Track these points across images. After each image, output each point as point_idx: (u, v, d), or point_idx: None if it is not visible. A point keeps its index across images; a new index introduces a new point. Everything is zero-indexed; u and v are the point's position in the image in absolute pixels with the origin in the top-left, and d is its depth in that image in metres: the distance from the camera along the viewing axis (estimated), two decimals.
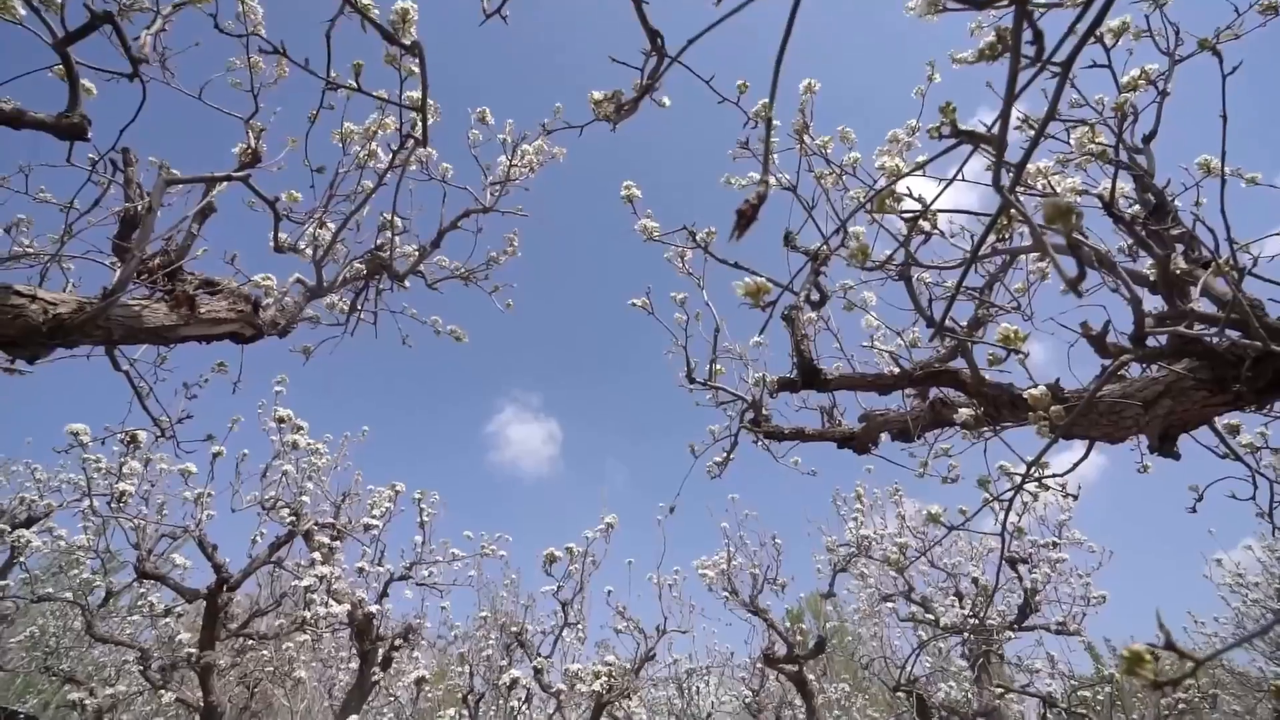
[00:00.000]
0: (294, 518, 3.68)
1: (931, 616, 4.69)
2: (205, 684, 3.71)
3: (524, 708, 3.57)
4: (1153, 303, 1.96)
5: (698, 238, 2.70)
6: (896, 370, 2.47)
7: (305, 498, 3.74)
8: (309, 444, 3.98)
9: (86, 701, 5.05)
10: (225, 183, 2.01)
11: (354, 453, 4.77)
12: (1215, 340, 1.63)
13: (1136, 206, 2.08)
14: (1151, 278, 1.79)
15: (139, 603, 4.36)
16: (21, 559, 4.37)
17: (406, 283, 3.09)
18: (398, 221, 2.74)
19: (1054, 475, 2.12)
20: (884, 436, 2.90)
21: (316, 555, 3.57)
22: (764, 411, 2.96)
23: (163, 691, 3.69)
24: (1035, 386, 1.57)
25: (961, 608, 4.96)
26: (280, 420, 3.66)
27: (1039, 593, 5.57)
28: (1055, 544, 5.53)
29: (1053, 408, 1.49)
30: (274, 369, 3.95)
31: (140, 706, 4.60)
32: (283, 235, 2.61)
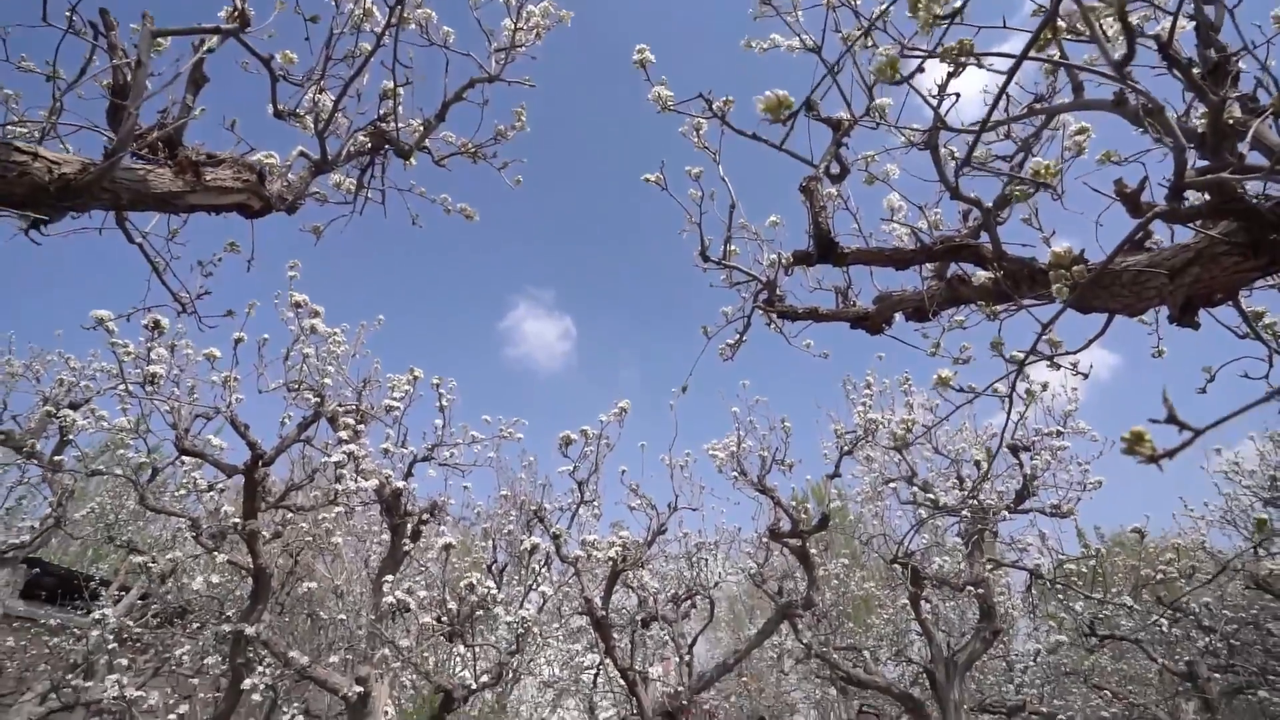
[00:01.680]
0: (318, 399, 3.82)
1: (932, 498, 4.90)
2: (253, 549, 4.03)
3: (544, 571, 3.87)
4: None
5: (714, 107, 2.56)
6: (915, 245, 2.41)
7: (327, 380, 3.86)
8: (327, 331, 4.05)
9: (150, 565, 5.54)
10: (216, 37, 1.90)
11: (371, 342, 4.87)
12: (1257, 199, 1.55)
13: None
14: (1201, 129, 1.68)
15: (184, 480, 4.65)
16: (71, 437, 4.64)
17: (413, 159, 3.00)
18: (400, 91, 2.61)
19: (1066, 353, 2.12)
20: (898, 317, 2.88)
21: (343, 434, 3.74)
22: (778, 292, 2.94)
23: (216, 554, 4.03)
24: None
25: (961, 490, 5.17)
26: (297, 304, 3.71)
27: (1037, 479, 5.76)
28: (1059, 432, 5.65)
29: (1075, 266, 1.45)
30: (285, 254, 3.95)
31: (197, 570, 5.05)
32: (281, 105, 2.51)
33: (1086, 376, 2.45)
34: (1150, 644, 7.56)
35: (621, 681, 4.92)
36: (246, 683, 3.92)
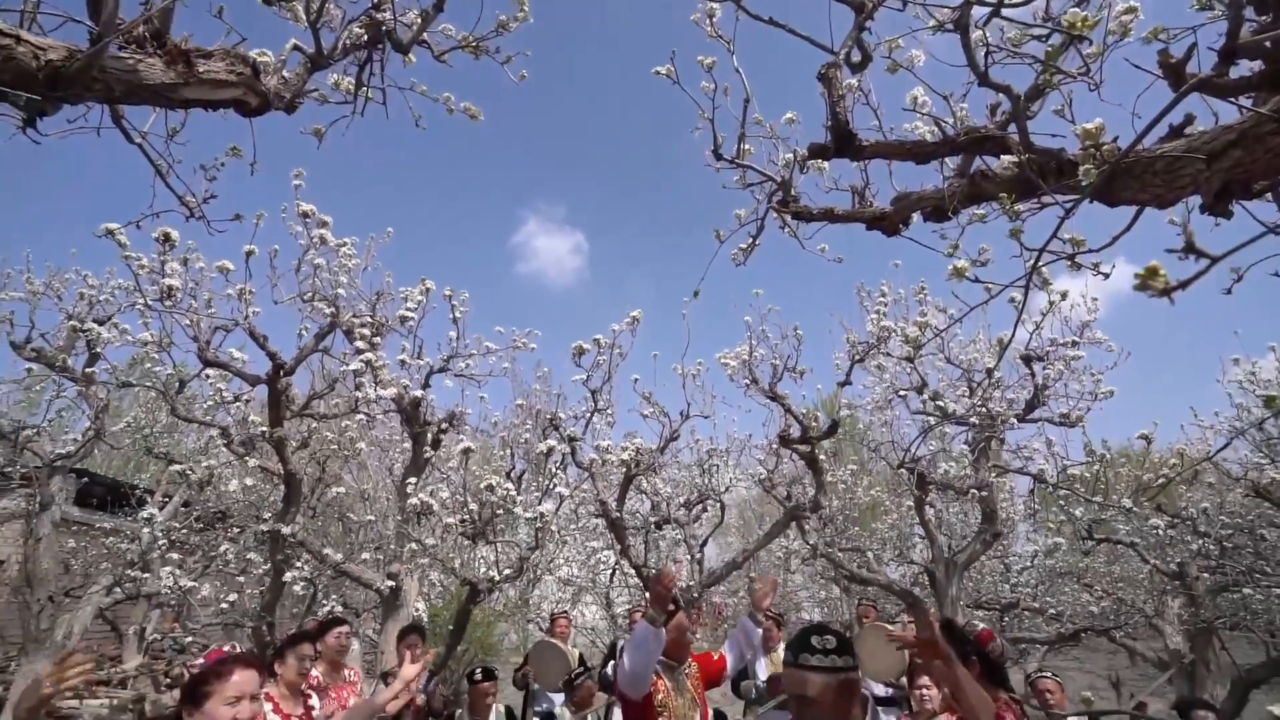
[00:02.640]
0: (333, 310, 3.86)
1: (941, 405, 4.95)
2: (282, 455, 4.22)
3: (561, 474, 4.02)
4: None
5: None
6: (939, 136, 2.30)
7: (341, 291, 3.89)
8: (336, 242, 4.03)
9: (189, 473, 5.85)
10: None
11: (381, 257, 4.85)
12: None
13: None
14: None
15: (212, 394, 4.80)
16: (99, 350, 4.78)
17: (411, 56, 2.86)
18: None
19: (1089, 250, 2.04)
20: (916, 217, 2.79)
21: (360, 343, 3.81)
22: (793, 192, 2.85)
23: (247, 460, 4.23)
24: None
25: (971, 398, 5.21)
26: (305, 214, 3.67)
27: (1048, 389, 5.77)
28: (1075, 343, 5.60)
29: (1105, 145, 1.38)
30: (289, 164, 3.87)
31: (231, 475, 5.33)
32: None
33: (1108, 277, 2.39)
34: (1145, 548, 7.84)
35: (636, 579, 5.22)
36: (287, 576, 4.22)
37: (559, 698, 4.66)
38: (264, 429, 4.14)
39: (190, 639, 9.89)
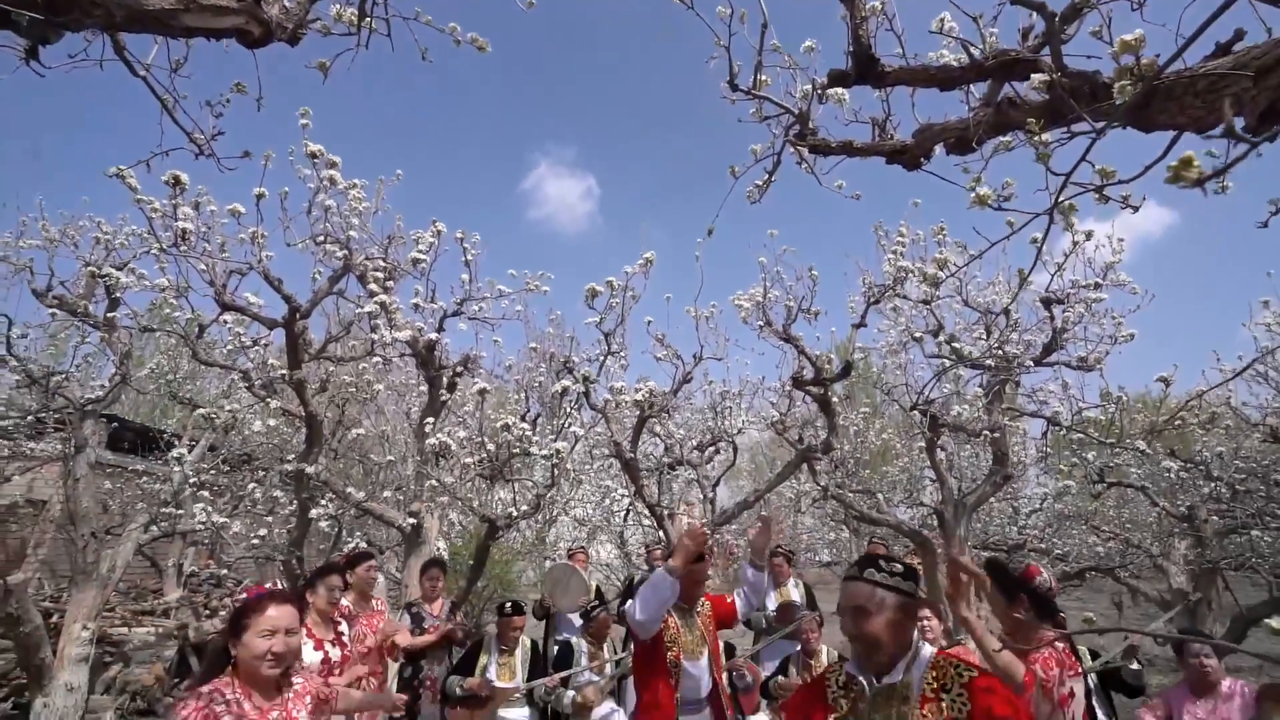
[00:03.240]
0: (345, 252, 3.86)
1: (957, 346, 4.91)
2: (302, 397, 4.31)
3: (575, 413, 4.08)
4: None
5: None
6: (966, 60, 2.19)
7: (353, 233, 3.88)
8: (346, 183, 3.99)
9: (213, 417, 6.02)
10: None
11: (391, 200, 4.80)
12: None
13: None
14: None
15: (231, 339, 4.87)
16: (119, 295, 4.84)
17: None
18: None
19: (1119, 181, 1.96)
20: (938, 150, 2.70)
21: (373, 286, 3.82)
22: (811, 124, 2.75)
23: (269, 402, 4.34)
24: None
25: (988, 340, 5.15)
26: (313, 155, 3.62)
27: (1067, 332, 5.67)
28: (1097, 284, 5.47)
29: (1145, 58, 1.30)
30: (295, 104, 3.78)
31: (254, 417, 5.47)
32: None
33: (1136, 209, 2.31)
34: (1155, 492, 7.88)
35: (650, 517, 5.35)
36: (313, 513, 4.39)
37: (576, 620, 4.88)
38: (283, 372, 4.21)
39: (225, 572, 10.42)
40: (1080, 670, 2.30)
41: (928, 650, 1.61)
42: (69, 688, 5.91)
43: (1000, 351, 5.18)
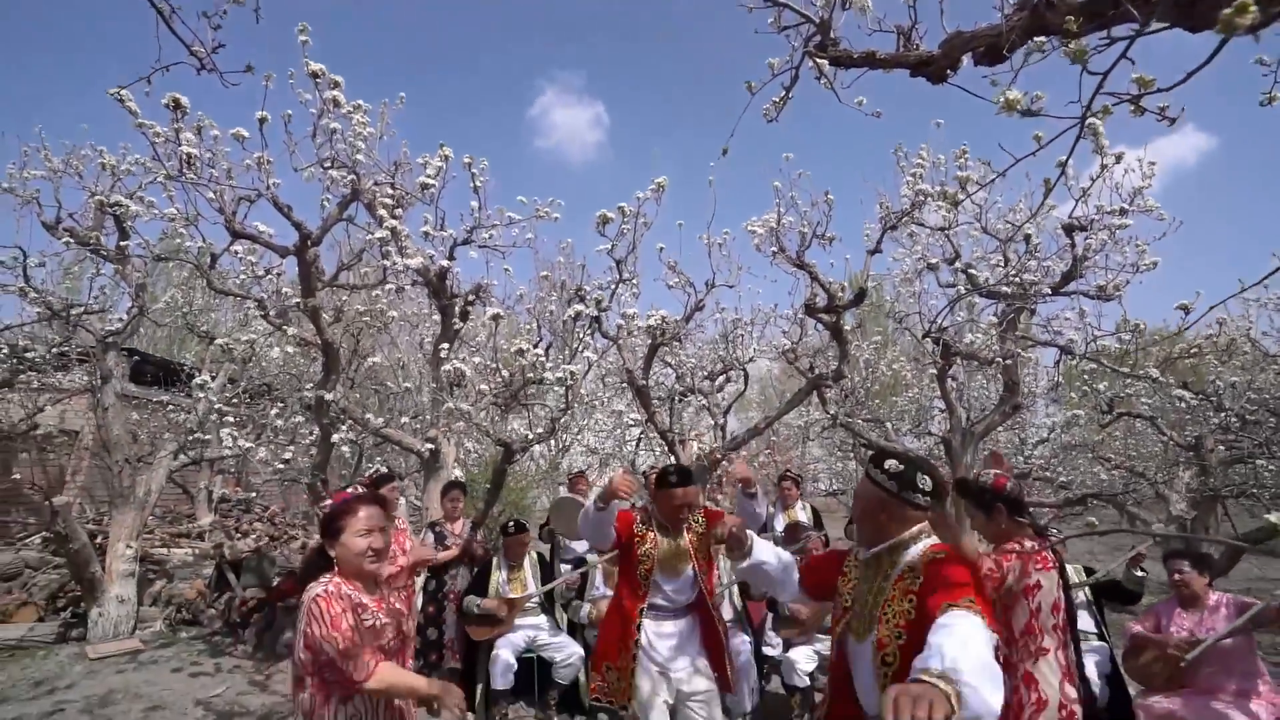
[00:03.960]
0: (353, 177, 3.81)
1: (974, 272, 4.84)
2: (317, 325, 4.36)
3: (587, 338, 4.11)
4: None
5: None
6: None
7: (360, 157, 3.80)
8: (349, 106, 3.88)
9: (231, 348, 6.15)
10: None
11: (397, 124, 4.66)
12: None
13: None
14: None
15: (243, 269, 4.88)
16: (129, 224, 4.84)
17: None
18: None
19: (1158, 90, 1.86)
20: (966, 61, 2.56)
21: (383, 213, 3.79)
22: (832, 34, 2.61)
23: (285, 329, 4.40)
24: None
25: (1006, 268, 5.06)
26: (315, 75, 3.51)
27: (1088, 260, 5.54)
28: (1123, 210, 5.29)
29: None
30: (294, 18, 3.62)
31: (272, 344, 5.56)
32: None
33: (1173, 122, 2.20)
34: (1164, 423, 7.92)
35: (662, 443, 5.47)
36: (335, 438, 4.53)
37: (582, 546, 5.12)
38: (297, 300, 4.25)
39: (254, 496, 10.89)
40: (1051, 565, 2.42)
41: (923, 544, 1.75)
42: (120, 600, 6.34)
43: (1017, 279, 5.09)
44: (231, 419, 5.78)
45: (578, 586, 4.56)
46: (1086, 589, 4.35)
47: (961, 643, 1.31)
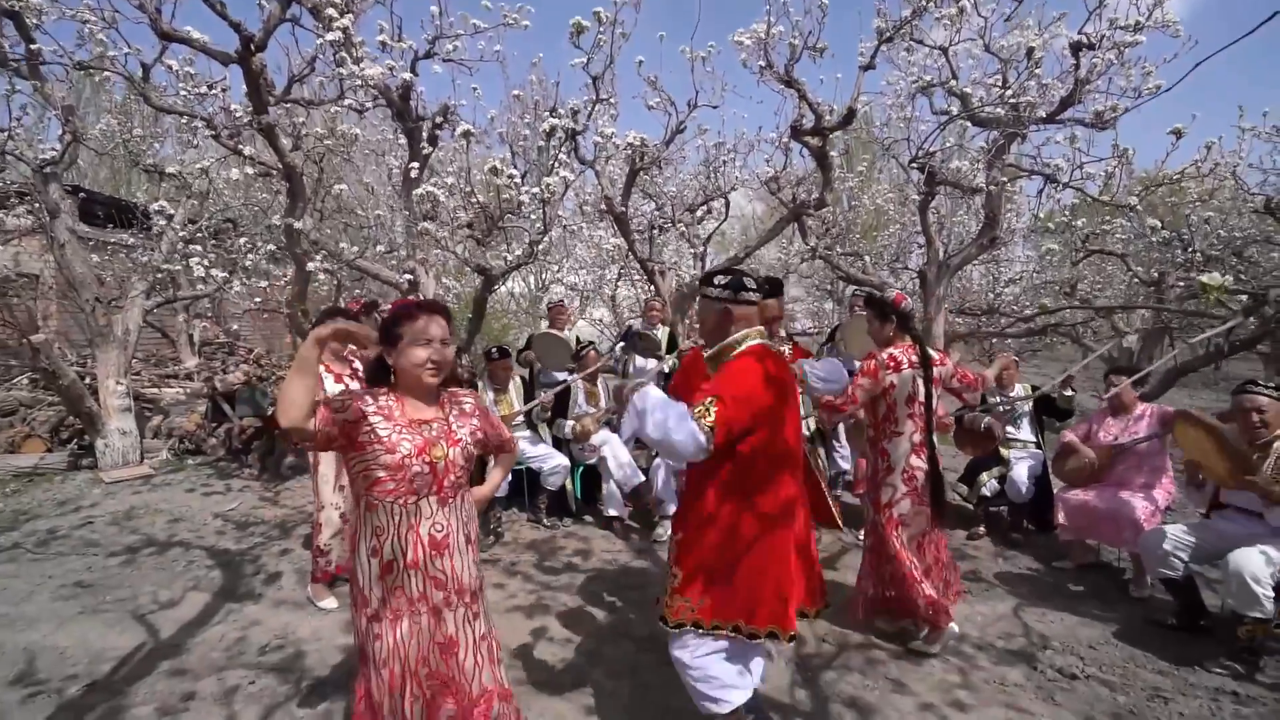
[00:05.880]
0: None
1: (967, 92, 4.60)
2: (275, 146, 4.08)
3: (562, 155, 3.93)
4: None
5: None
6: None
7: None
8: None
9: (186, 181, 5.77)
10: None
11: None
12: None
13: None
14: None
15: (183, 84, 4.41)
16: (36, 24, 4.29)
17: None
18: None
19: None
20: None
21: (330, 12, 3.38)
22: None
23: (240, 151, 4.11)
24: None
25: (1004, 90, 4.81)
26: None
27: (1091, 83, 5.26)
28: (1138, 25, 4.93)
29: None
30: None
31: (229, 166, 5.20)
32: None
33: None
34: (1134, 257, 8.10)
35: (642, 272, 5.49)
36: (310, 266, 4.46)
37: (562, 375, 5.37)
38: (249, 117, 3.92)
39: (236, 338, 10.94)
40: (903, 368, 2.98)
41: (745, 345, 2.05)
42: (122, 432, 6.59)
43: (1012, 101, 4.86)
44: (198, 249, 5.58)
45: (561, 405, 4.85)
46: (1030, 404, 4.76)
47: (666, 403, 1.88)
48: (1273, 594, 2.90)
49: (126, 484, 6.13)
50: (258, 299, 5.25)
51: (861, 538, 3.50)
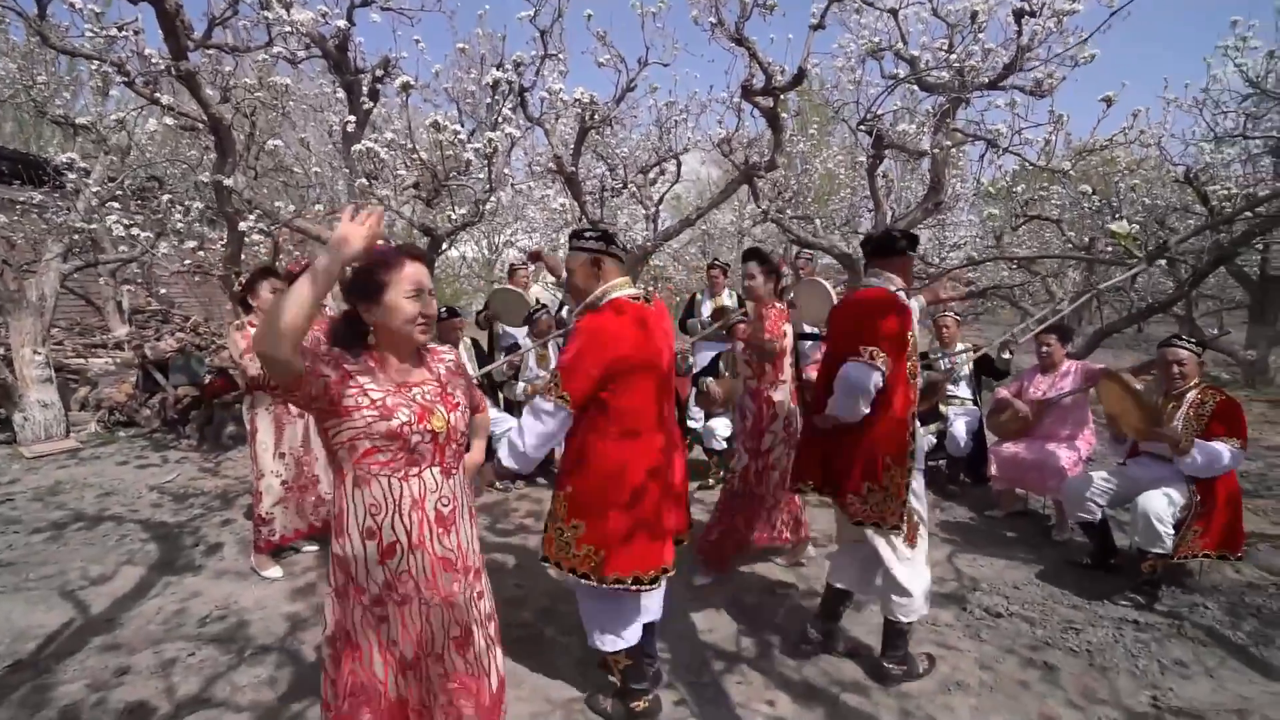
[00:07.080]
0: None
1: (915, 56, 4.65)
2: (199, 97, 3.80)
3: (507, 111, 3.81)
4: None
5: None
6: None
7: None
8: None
9: (97, 126, 5.31)
10: None
11: None
12: None
13: None
14: None
15: (86, 19, 4.03)
16: None
17: None
18: None
19: None
20: None
21: None
22: None
23: (158, 100, 3.82)
24: None
25: (950, 55, 4.88)
26: None
27: (1032, 50, 5.39)
28: None
29: None
30: None
31: (149, 117, 4.82)
32: None
33: None
34: (1068, 224, 8.47)
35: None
36: (242, 226, 4.22)
37: (520, 333, 5.32)
38: (168, 64, 3.64)
39: (170, 305, 10.34)
40: (781, 331, 3.34)
41: (609, 297, 2.12)
42: (43, 404, 6.20)
43: (958, 66, 4.95)
44: (118, 207, 5.21)
45: (516, 368, 4.81)
46: (970, 363, 4.98)
47: (517, 428, 2.09)
48: (1173, 531, 3.17)
49: (50, 458, 5.81)
50: (188, 261, 4.96)
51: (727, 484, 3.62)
